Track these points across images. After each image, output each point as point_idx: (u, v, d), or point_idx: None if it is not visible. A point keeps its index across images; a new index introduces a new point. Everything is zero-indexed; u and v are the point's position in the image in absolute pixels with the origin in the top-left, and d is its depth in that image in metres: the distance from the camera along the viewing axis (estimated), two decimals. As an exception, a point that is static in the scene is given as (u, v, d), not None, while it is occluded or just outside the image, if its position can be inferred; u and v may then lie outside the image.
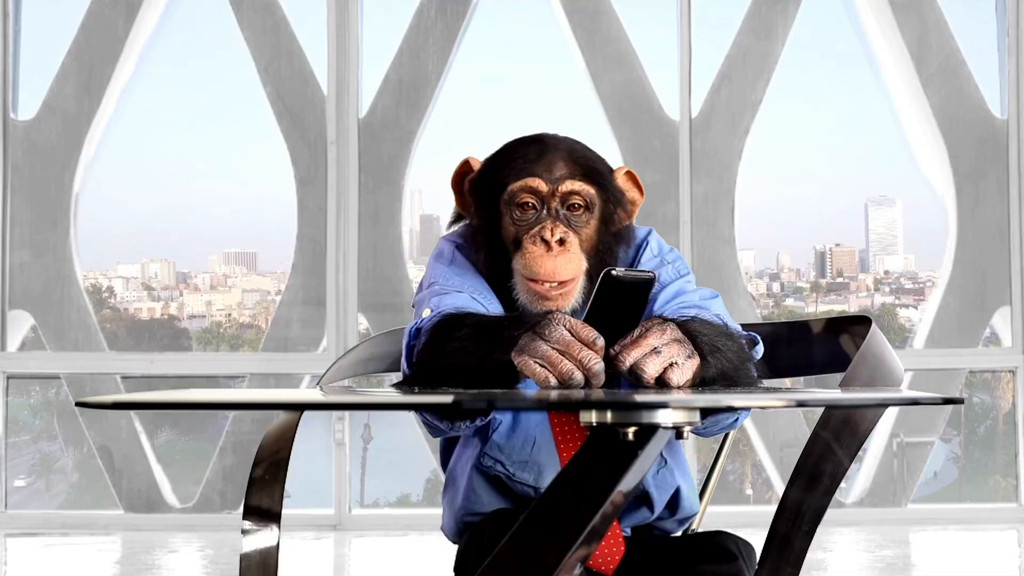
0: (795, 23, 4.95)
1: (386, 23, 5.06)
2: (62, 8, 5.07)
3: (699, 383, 1.46)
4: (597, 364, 1.36)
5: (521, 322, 1.44)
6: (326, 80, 4.92)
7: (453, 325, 1.55)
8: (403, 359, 1.67)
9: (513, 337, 1.42)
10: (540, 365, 1.36)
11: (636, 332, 1.41)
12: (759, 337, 1.71)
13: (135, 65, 5.08)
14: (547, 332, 1.38)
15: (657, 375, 1.38)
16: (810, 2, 4.98)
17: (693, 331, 1.45)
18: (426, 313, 1.69)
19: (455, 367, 1.49)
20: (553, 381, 1.36)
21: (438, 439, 1.99)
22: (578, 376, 1.36)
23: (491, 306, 1.75)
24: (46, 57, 5.02)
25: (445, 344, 1.53)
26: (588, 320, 1.45)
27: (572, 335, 1.37)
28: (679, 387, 1.40)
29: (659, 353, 1.38)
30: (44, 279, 4.96)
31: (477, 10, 5.01)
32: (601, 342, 1.38)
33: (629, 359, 1.38)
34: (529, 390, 1.71)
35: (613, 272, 1.45)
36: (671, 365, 1.39)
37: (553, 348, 1.37)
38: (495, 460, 1.79)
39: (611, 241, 1.78)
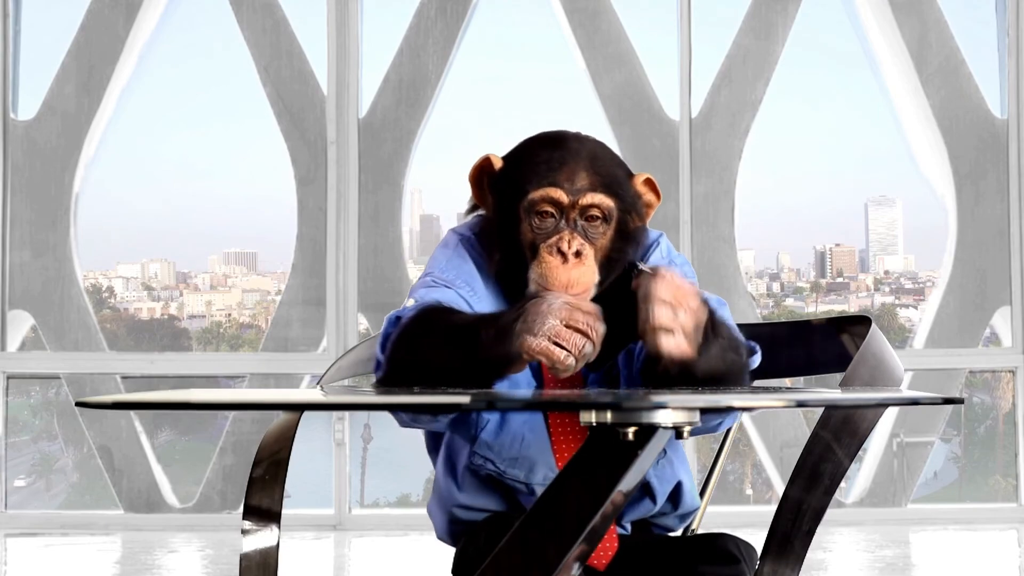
0: (795, 23, 4.95)
1: (386, 23, 5.06)
2: (62, 8, 5.07)
3: (688, 370, 1.50)
4: (601, 325, 1.45)
5: (496, 319, 1.51)
6: (326, 80, 4.92)
7: (427, 324, 1.60)
8: (378, 346, 1.68)
9: (500, 329, 1.48)
10: (555, 344, 1.44)
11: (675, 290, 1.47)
12: (759, 348, 1.71)
13: (135, 65, 5.08)
14: (545, 307, 1.46)
15: (660, 325, 1.46)
16: (810, 2, 4.97)
17: (716, 325, 1.53)
18: (410, 303, 1.71)
19: (432, 365, 1.54)
20: (571, 360, 1.43)
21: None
22: (588, 346, 1.44)
23: (478, 305, 1.76)
24: (46, 57, 5.02)
25: (420, 344, 1.58)
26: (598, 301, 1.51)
27: (570, 304, 1.46)
28: (670, 356, 1.46)
29: (677, 313, 1.46)
30: (44, 279, 4.96)
31: (477, 10, 5.01)
32: (599, 309, 1.46)
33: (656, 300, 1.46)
34: (518, 379, 1.72)
35: (640, 265, 1.52)
36: (671, 331, 1.46)
37: (559, 321, 1.45)
38: (485, 458, 1.79)
39: (623, 246, 1.78)
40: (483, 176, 1.83)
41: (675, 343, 1.46)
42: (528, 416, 1.77)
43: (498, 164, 1.81)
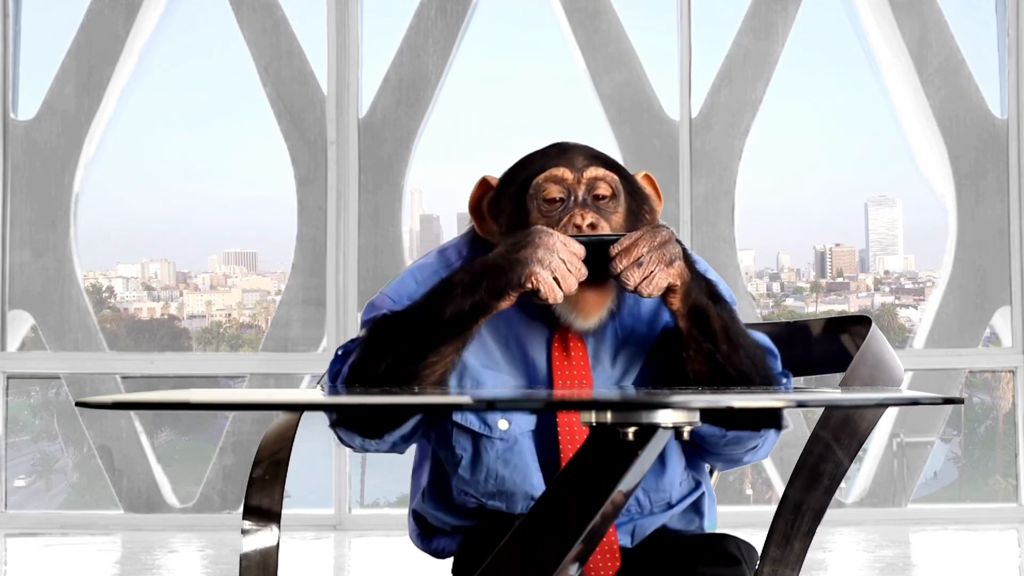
0: (795, 23, 4.95)
1: (386, 23, 5.06)
2: (62, 8, 5.07)
3: (691, 306, 1.61)
4: (584, 269, 1.59)
5: (464, 268, 1.63)
6: (326, 80, 4.92)
7: (377, 338, 1.67)
8: (327, 383, 1.71)
9: (511, 255, 1.58)
10: (553, 279, 1.56)
11: (634, 236, 1.60)
12: (778, 354, 1.73)
13: (135, 65, 5.08)
14: (551, 241, 1.58)
15: (637, 285, 1.58)
16: (810, 2, 4.97)
17: (714, 312, 1.63)
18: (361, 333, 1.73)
19: (391, 362, 1.61)
20: (560, 298, 1.57)
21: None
22: (574, 288, 1.59)
23: None
24: (46, 57, 5.01)
25: (373, 358, 1.64)
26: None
27: (567, 246, 1.59)
28: (650, 296, 1.60)
29: (640, 264, 1.58)
30: (44, 279, 4.96)
31: (477, 10, 5.01)
32: (583, 250, 1.60)
33: (619, 267, 1.58)
34: (520, 390, 1.72)
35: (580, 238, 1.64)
36: (649, 276, 1.58)
37: (560, 259, 1.57)
38: (465, 493, 1.78)
39: (638, 227, 1.76)
40: (482, 202, 1.79)
41: (653, 285, 1.58)
42: (502, 451, 1.75)
43: (495, 183, 1.79)
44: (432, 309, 1.61)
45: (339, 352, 1.71)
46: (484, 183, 1.79)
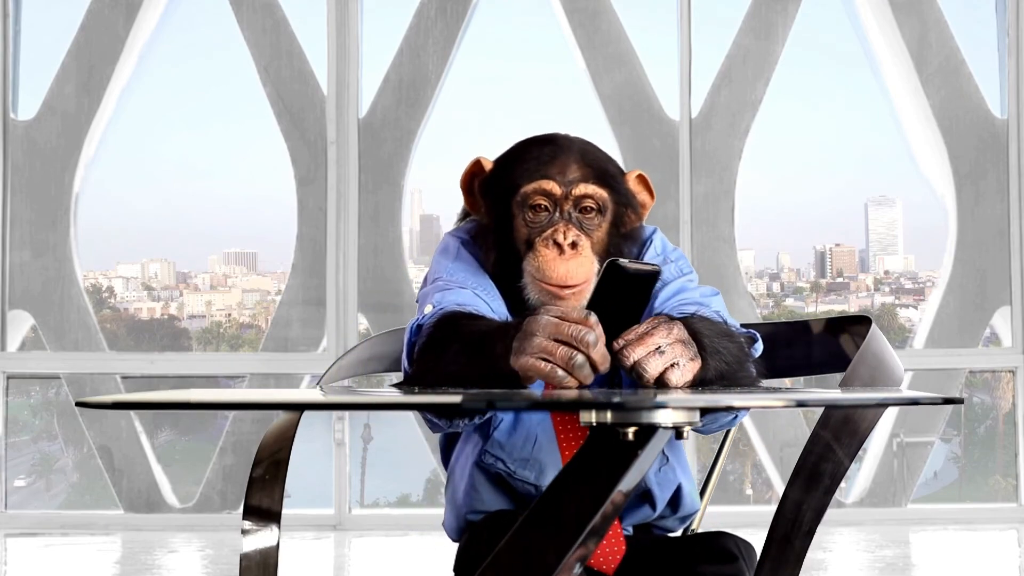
0: (795, 23, 4.95)
1: (386, 23, 5.06)
2: (62, 8, 5.07)
3: (698, 383, 1.48)
4: (589, 334, 1.36)
5: (508, 330, 1.46)
6: (326, 80, 4.92)
7: (448, 333, 1.57)
8: (404, 356, 1.67)
9: (507, 346, 1.42)
10: (542, 360, 1.37)
11: (642, 328, 1.42)
12: (758, 335, 1.71)
13: (135, 65, 5.08)
14: (535, 326, 1.39)
15: (658, 374, 1.40)
16: (810, 2, 4.98)
17: (695, 330, 1.47)
18: (428, 309, 1.69)
19: (454, 376, 1.51)
20: (560, 373, 1.36)
21: (438, 436, 1.99)
22: (578, 357, 1.36)
23: (494, 303, 1.75)
24: (46, 57, 5.02)
25: (442, 354, 1.55)
26: (590, 308, 1.46)
27: (559, 317, 1.39)
28: (678, 387, 1.42)
29: (662, 353, 1.40)
30: (44, 279, 4.96)
31: (477, 10, 5.01)
32: (594, 318, 1.39)
33: (633, 356, 1.40)
34: (534, 389, 1.72)
35: (618, 262, 1.47)
36: (672, 365, 1.41)
37: (546, 337, 1.37)
38: (496, 458, 1.79)
39: (621, 242, 1.78)
40: (474, 181, 1.83)
41: (681, 373, 1.42)
42: (542, 417, 1.76)
43: (488, 167, 1.81)
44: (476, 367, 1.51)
45: (414, 326, 1.66)
46: (477, 164, 1.82)
